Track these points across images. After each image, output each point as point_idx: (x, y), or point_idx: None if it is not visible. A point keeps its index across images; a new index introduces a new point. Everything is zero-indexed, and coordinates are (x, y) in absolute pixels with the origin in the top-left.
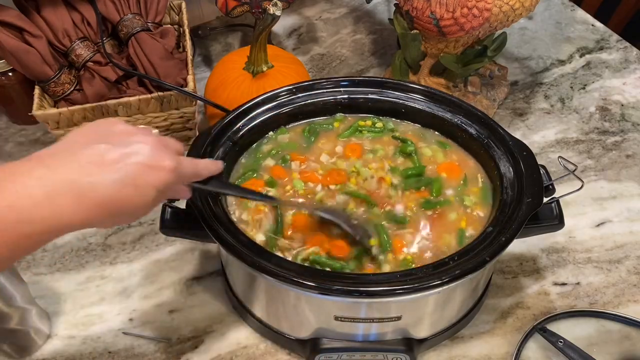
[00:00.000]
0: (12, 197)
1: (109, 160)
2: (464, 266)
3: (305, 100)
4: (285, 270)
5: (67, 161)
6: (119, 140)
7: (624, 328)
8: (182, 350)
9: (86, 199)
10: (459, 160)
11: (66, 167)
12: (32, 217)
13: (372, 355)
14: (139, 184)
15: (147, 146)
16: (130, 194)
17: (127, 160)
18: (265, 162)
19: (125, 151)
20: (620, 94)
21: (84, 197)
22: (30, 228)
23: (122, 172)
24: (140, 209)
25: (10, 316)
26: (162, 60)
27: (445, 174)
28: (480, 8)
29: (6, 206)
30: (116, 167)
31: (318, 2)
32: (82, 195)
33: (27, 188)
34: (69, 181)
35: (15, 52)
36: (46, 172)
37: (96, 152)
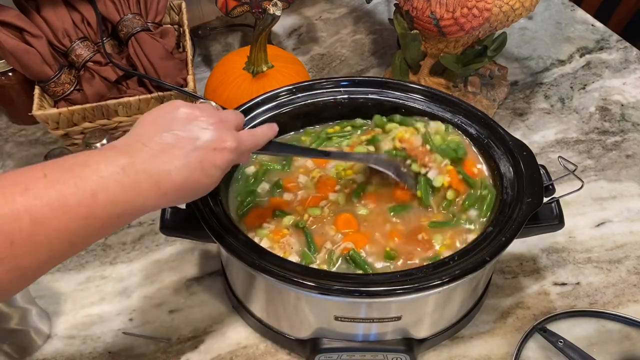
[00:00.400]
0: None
1: (177, 147)
2: (464, 266)
3: (305, 100)
4: (285, 270)
5: (143, 152)
6: (183, 126)
7: (624, 328)
8: (182, 350)
9: (163, 184)
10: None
11: (143, 157)
12: (120, 200)
13: (372, 355)
14: (206, 167)
15: (209, 130)
16: (199, 177)
17: (193, 146)
18: (259, 187)
19: (190, 136)
20: (620, 94)
21: (162, 183)
22: (117, 209)
23: (190, 157)
24: (208, 187)
25: (10, 316)
26: (162, 60)
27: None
28: (480, 8)
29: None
30: (184, 153)
31: (318, 2)
32: (159, 181)
33: (115, 175)
34: (147, 170)
35: (15, 52)
36: (128, 162)
37: (165, 141)
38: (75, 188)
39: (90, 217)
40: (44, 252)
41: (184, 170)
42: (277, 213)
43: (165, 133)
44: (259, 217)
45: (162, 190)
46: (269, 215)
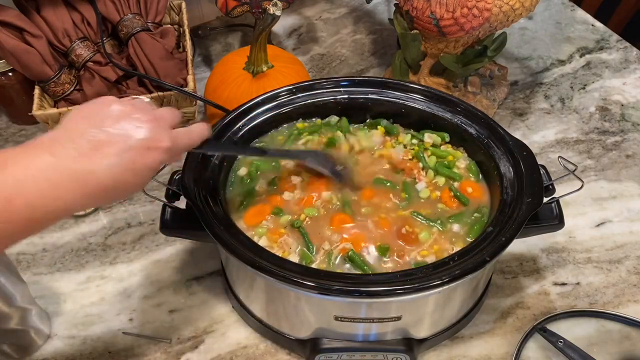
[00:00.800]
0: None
1: (107, 146)
2: (464, 266)
3: (305, 100)
4: (285, 270)
5: (68, 149)
6: (116, 123)
7: (624, 328)
8: (182, 350)
9: (88, 185)
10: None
11: (68, 155)
12: (39, 203)
13: (372, 355)
14: (137, 167)
15: (142, 128)
16: (129, 177)
17: (125, 145)
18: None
19: (123, 135)
20: (620, 94)
21: (86, 184)
22: (38, 213)
23: (123, 157)
24: (137, 187)
25: (10, 316)
26: (162, 60)
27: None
28: (480, 8)
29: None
30: (115, 152)
31: (318, 2)
32: (84, 182)
33: (34, 177)
34: (72, 170)
35: (15, 52)
36: (51, 161)
37: (94, 139)
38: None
39: (7, 222)
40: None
41: (114, 171)
42: (275, 210)
43: (96, 130)
44: (257, 214)
45: (87, 192)
46: (267, 213)
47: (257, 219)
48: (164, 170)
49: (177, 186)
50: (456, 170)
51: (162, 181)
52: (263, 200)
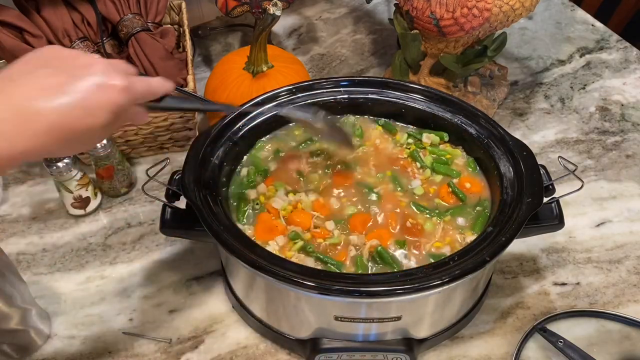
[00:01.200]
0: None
1: (54, 83)
2: (464, 266)
3: (305, 100)
4: (285, 270)
5: (9, 88)
6: (65, 63)
7: (624, 328)
8: (182, 350)
9: (32, 124)
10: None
11: (9, 92)
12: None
13: (372, 355)
14: (88, 105)
15: (94, 66)
16: (80, 116)
17: (74, 82)
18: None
19: (72, 73)
20: (620, 94)
21: (30, 123)
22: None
23: (70, 94)
24: (95, 132)
25: (10, 316)
26: (162, 60)
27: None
28: (480, 8)
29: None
30: (62, 89)
31: (318, 2)
32: (27, 120)
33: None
34: (15, 107)
35: (15, 52)
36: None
37: (41, 76)
38: None
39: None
40: None
41: (60, 109)
42: (291, 235)
43: (42, 69)
44: (269, 230)
45: (32, 131)
46: (280, 231)
47: (269, 235)
48: (164, 170)
49: (177, 186)
50: (454, 168)
51: (162, 181)
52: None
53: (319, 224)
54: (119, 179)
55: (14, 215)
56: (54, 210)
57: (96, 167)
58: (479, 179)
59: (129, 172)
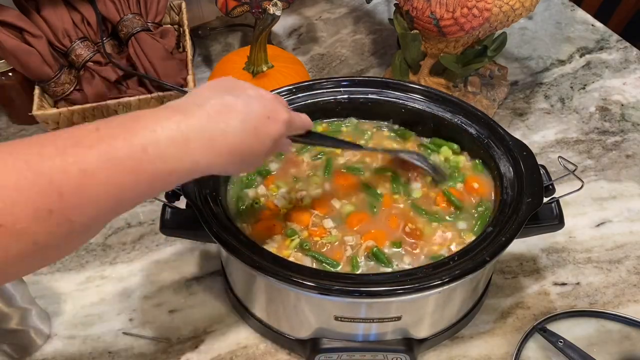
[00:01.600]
0: (154, 136)
1: (233, 110)
2: (464, 266)
3: (305, 100)
4: (285, 270)
5: (198, 111)
6: (241, 92)
7: (624, 328)
8: (182, 350)
9: (217, 144)
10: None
11: (198, 116)
12: (170, 156)
13: (372, 355)
14: (259, 133)
15: (265, 99)
16: (252, 142)
17: (249, 110)
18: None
19: (247, 102)
20: (620, 94)
21: (215, 143)
22: (167, 166)
23: (247, 122)
24: (259, 157)
25: (10, 316)
26: (162, 60)
27: None
28: (480, 8)
29: (149, 143)
30: (240, 117)
31: (318, 2)
32: (213, 140)
33: (167, 130)
34: (202, 128)
35: (15, 52)
36: (182, 119)
37: (223, 103)
38: (125, 141)
39: (139, 171)
40: (92, 206)
41: (240, 133)
42: (288, 232)
43: (222, 95)
44: (267, 228)
45: (216, 150)
46: (278, 230)
47: (267, 233)
48: None
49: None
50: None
51: None
52: (273, 215)
53: (317, 222)
54: None
55: None
56: None
57: None
58: (486, 179)
59: None
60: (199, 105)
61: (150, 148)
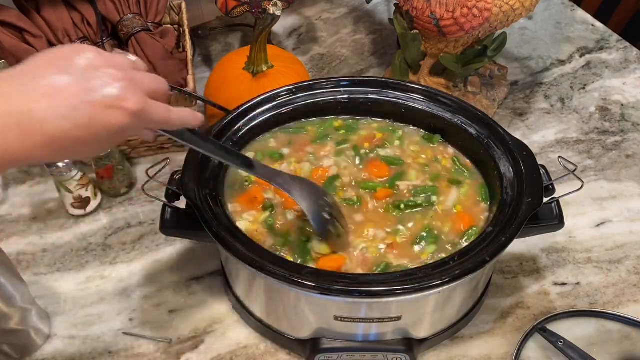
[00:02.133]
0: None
1: (64, 95)
2: (464, 266)
3: (305, 100)
4: (285, 270)
5: (21, 89)
6: (81, 73)
7: (624, 328)
8: (182, 350)
9: (34, 135)
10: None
11: (19, 96)
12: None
13: (372, 355)
14: (93, 125)
15: (108, 83)
16: (82, 134)
17: (84, 98)
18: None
19: (85, 86)
20: (620, 94)
21: (32, 133)
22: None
23: (78, 110)
24: (92, 149)
25: (10, 316)
26: (162, 60)
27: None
28: (480, 8)
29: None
30: (71, 103)
31: (318, 2)
32: (29, 130)
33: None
34: (18, 113)
35: (15, 52)
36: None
37: (53, 84)
38: None
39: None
40: None
41: (65, 123)
42: (266, 204)
43: (56, 75)
44: (248, 201)
45: (30, 142)
46: (259, 203)
47: (245, 208)
48: (164, 170)
49: (177, 186)
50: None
51: (162, 181)
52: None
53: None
54: (118, 179)
55: (14, 215)
56: (54, 210)
57: (96, 167)
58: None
59: (129, 172)
60: (23, 83)
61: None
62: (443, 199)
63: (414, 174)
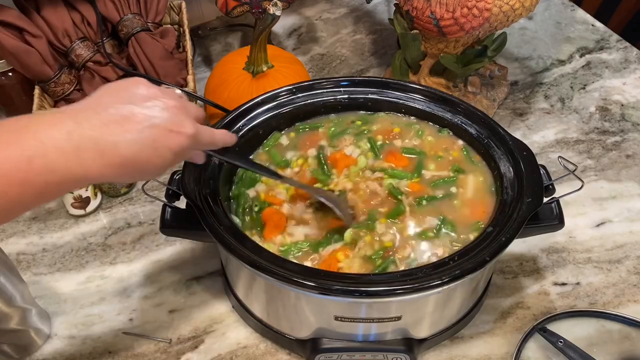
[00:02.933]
0: (41, 147)
1: (131, 122)
2: (464, 266)
3: (305, 100)
4: (285, 270)
5: (93, 119)
6: (142, 103)
7: (624, 328)
8: (182, 350)
9: (108, 156)
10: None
11: (92, 124)
12: (58, 167)
13: (372, 355)
14: (158, 147)
15: (168, 111)
16: (149, 155)
17: (148, 123)
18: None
19: (148, 114)
20: (620, 94)
21: (107, 155)
22: (56, 177)
23: (143, 134)
24: (158, 169)
25: (10, 316)
26: (162, 60)
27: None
28: (480, 8)
29: (36, 155)
30: (137, 128)
31: (318, 2)
32: (105, 152)
33: (56, 140)
34: (94, 138)
35: (15, 52)
36: (75, 127)
37: (120, 113)
38: (11, 152)
39: (26, 183)
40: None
41: (134, 146)
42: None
43: (121, 105)
44: (276, 226)
45: (106, 162)
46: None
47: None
48: None
49: (177, 186)
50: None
51: (162, 181)
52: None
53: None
54: None
55: None
56: (54, 210)
57: None
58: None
59: None
60: (96, 112)
61: (37, 160)
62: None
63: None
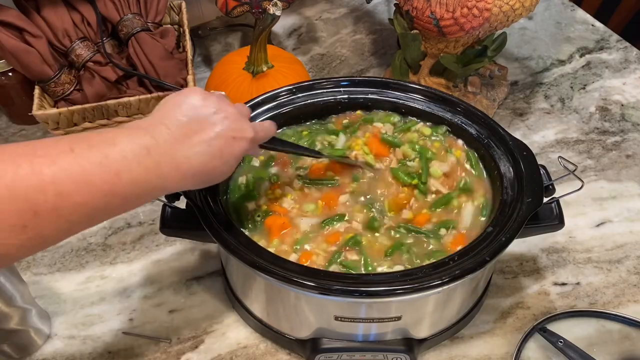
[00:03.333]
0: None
1: (197, 134)
2: (464, 266)
3: (305, 100)
4: (285, 270)
5: (165, 135)
6: (205, 114)
7: (624, 328)
8: (182, 350)
9: (182, 169)
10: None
11: (166, 140)
12: (142, 179)
13: (372, 355)
14: (225, 155)
15: (228, 118)
16: (217, 164)
17: (214, 134)
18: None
19: (213, 124)
20: (620, 94)
21: (181, 168)
22: (138, 189)
23: (212, 145)
24: (224, 175)
25: (10, 316)
26: (162, 60)
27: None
28: (480, 8)
29: (122, 168)
30: (205, 140)
31: (318, 2)
32: (179, 166)
33: (138, 156)
34: (170, 154)
35: (15, 52)
36: (152, 144)
37: (188, 127)
38: (101, 166)
39: (112, 195)
40: (64, 223)
41: (204, 157)
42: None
43: (187, 118)
44: (280, 229)
45: (181, 174)
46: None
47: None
48: None
49: None
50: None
51: None
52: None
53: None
54: None
55: None
56: None
57: None
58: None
59: None
60: (167, 127)
61: (123, 174)
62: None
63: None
